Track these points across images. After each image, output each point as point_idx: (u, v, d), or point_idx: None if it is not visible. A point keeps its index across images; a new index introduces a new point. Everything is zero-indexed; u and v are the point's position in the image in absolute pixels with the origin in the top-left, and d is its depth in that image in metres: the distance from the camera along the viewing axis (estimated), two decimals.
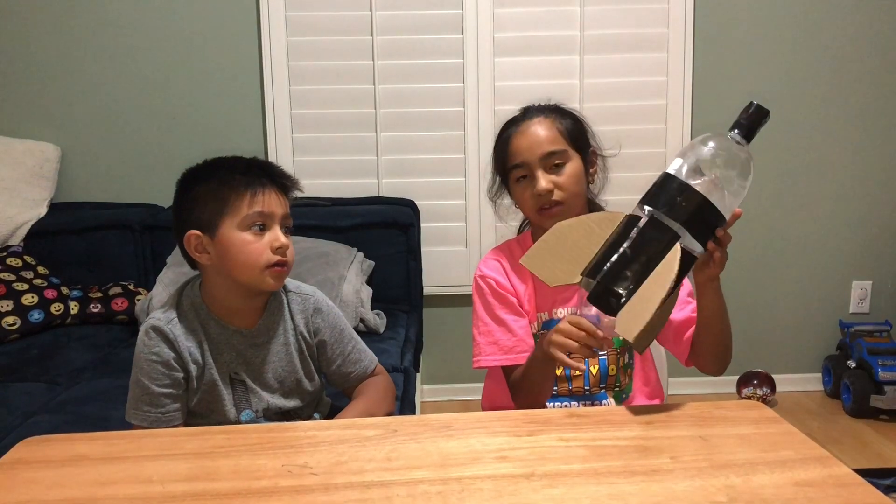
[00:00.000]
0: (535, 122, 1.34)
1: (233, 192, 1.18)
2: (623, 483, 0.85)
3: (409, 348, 2.18)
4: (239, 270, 1.20)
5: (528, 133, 1.33)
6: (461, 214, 2.70)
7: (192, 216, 1.21)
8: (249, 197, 1.18)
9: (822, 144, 2.75)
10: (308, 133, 2.65)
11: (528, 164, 1.32)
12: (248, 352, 1.26)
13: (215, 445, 0.97)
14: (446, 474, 0.88)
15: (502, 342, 1.34)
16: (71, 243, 2.43)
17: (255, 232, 1.19)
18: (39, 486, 0.88)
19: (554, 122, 1.34)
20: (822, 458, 0.90)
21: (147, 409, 1.19)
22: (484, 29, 2.61)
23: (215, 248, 1.20)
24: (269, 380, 1.27)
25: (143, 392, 1.19)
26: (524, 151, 1.32)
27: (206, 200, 1.20)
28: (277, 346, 1.28)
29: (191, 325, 1.23)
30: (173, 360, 1.20)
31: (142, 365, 1.20)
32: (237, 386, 1.25)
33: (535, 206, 1.33)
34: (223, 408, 1.24)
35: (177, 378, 1.20)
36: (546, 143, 1.32)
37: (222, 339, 1.24)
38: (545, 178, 1.30)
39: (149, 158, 2.66)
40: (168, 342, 1.20)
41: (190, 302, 1.25)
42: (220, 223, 1.19)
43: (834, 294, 2.85)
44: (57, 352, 2.10)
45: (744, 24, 2.67)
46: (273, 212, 1.20)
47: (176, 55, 2.62)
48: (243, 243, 1.18)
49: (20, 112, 2.62)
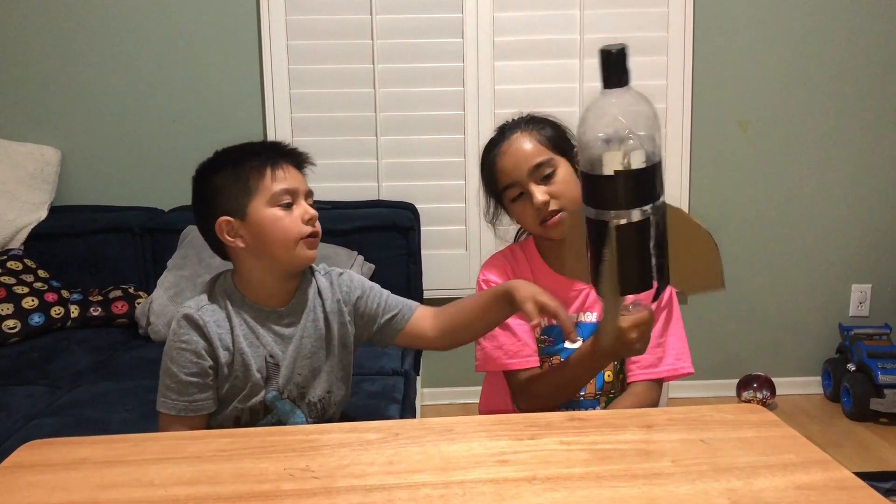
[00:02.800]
0: (515, 140, 1.34)
1: (254, 173, 1.21)
2: (624, 487, 0.85)
3: (409, 352, 2.18)
4: (276, 246, 1.21)
5: (510, 152, 1.33)
6: (461, 218, 2.70)
7: (217, 204, 1.22)
8: (271, 175, 1.20)
9: (821, 148, 2.75)
10: (308, 137, 2.65)
11: (519, 181, 1.32)
12: (284, 332, 1.27)
13: (217, 449, 0.97)
14: (448, 478, 0.88)
15: (507, 346, 1.34)
16: (71, 247, 2.43)
17: (283, 208, 1.21)
18: (41, 489, 0.88)
19: (533, 133, 1.34)
20: (823, 462, 0.90)
21: (175, 397, 1.20)
22: (484, 33, 2.61)
23: (248, 230, 1.21)
24: (302, 359, 1.27)
25: (172, 380, 1.20)
26: (512, 170, 1.32)
27: (229, 186, 1.21)
28: (308, 323, 1.28)
29: (225, 310, 1.24)
30: (203, 349, 1.21)
31: (172, 353, 1.21)
32: (271, 370, 1.26)
33: (536, 221, 1.32)
34: (253, 391, 1.24)
35: (204, 367, 1.21)
36: (531, 157, 1.31)
37: (258, 321, 1.25)
38: (539, 191, 1.30)
39: (149, 162, 2.66)
40: (199, 329, 1.21)
41: (223, 290, 1.26)
42: (248, 204, 1.20)
43: (834, 297, 2.85)
44: (57, 355, 2.10)
45: (743, 28, 2.67)
46: (297, 187, 1.22)
47: (177, 59, 2.63)
48: (275, 219, 1.20)
49: (20, 115, 2.62)
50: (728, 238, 2.75)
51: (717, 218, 2.74)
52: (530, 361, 1.34)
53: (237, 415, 1.25)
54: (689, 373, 1.37)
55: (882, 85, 2.71)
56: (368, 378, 1.92)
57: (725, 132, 2.72)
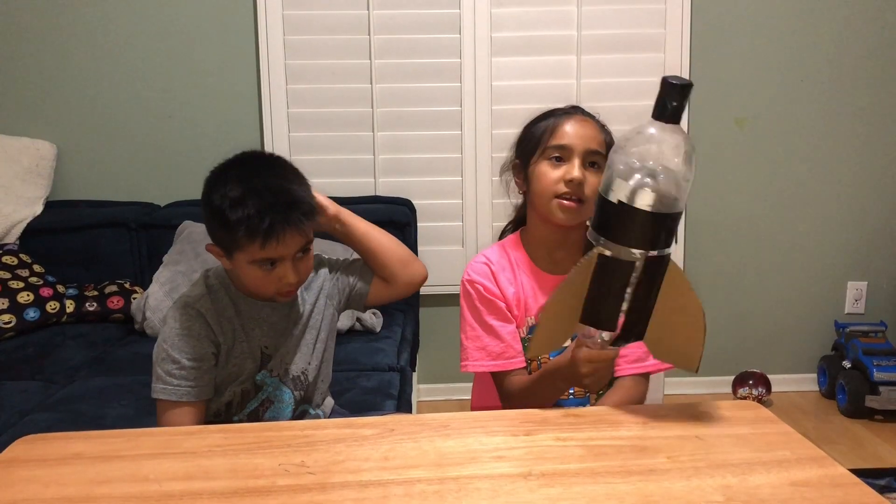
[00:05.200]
0: (586, 120, 1.36)
1: (245, 236, 1.17)
2: (620, 483, 0.85)
3: (405, 347, 2.18)
4: (250, 290, 1.28)
5: (580, 124, 1.34)
6: (458, 214, 2.70)
7: (211, 229, 1.24)
8: (261, 240, 1.17)
9: (817, 145, 2.75)
10: (305, 132, 2.65)
11: (572, 148, 1.30)
12: (280, 324, 1.31)
13: (212, 444, 0.97)
14: (443, 474, 0.88)
15: (490, 347, 1.33)
16: (67, 241, 2.43)
17: (264, 268, 1.21)
18: (36, 484, 0.87)
19: (600, 129, 1.36)
20: (818, 459, 0.90)
21: (177, 382, 1.21)
22: (481, 28, 2.61)
23: (231, 265, 1.25)
24: (296, 347, 1.33)
25: (174, 366, 1.21)
26: (573, 136, 1.31)
27: (220, 229, 1.21)
28: (296, 312, 1.34)
29: (222, 301, 1.28)
30: (205, 336, 1.24)
31: (173, 340, 1.22)
32: (266, 360, 1.30)
33: (556, 192, 1.30)
34: (246, 376, 1.29)
35: (207, 353, 1.24)
36: (594, 141, 1.32)
37: (253, 312, 1.29)
38: (580, 170, 1.29)
39: (145, 156, 2.65)
40: (200, 317, 1.24)
41: (218, 281, 1.30)
42: (234, 253, 1.22)
43: (829, 294, 2.85)
44: (52, 350, 2.10)
45: (741, 26, 2.67)
46: (283, 255, 1.21)
47: (172, 53, 2.62)
48: (254, 277, 1.23)
49: (16, 109, 2.61)
50: (724, 235, 2.76)
51: (712, 215, 2.74)
52: (514, 363, 1.32)
53: (229, 398, 1.29)
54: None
55: (879, 83, 2.72)
56: (364, 374, 1.92)
57: (722, 129, 2.72)
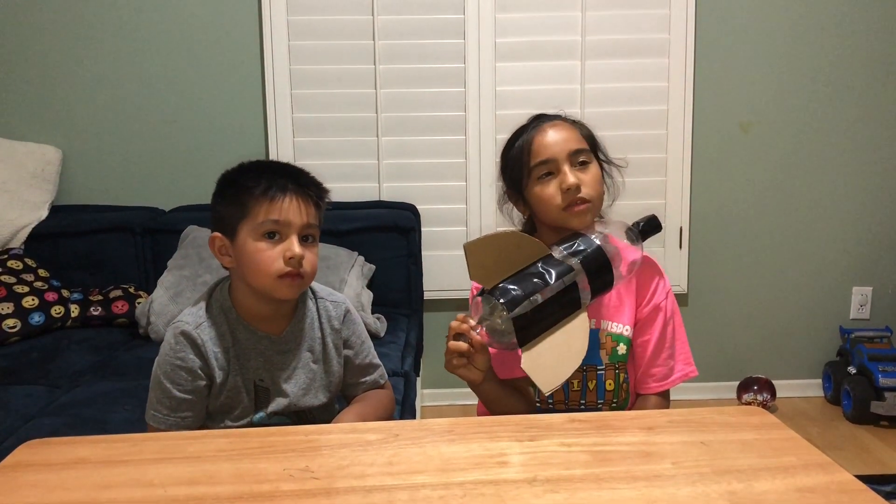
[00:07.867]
0: (556, 123, 1.32)
1: (251, 198, 1.17)
2: (625, 488, 0.85)
3: (409, 352, 2.17)
4: (252, 277, 1.19)
5: (551, 132, 1.30)
6: (462, 219, 2.70)
7: (217, 218, 1.21)
8: (267, 204, 1.16)
9: (822, 150, 2.75)
10: (309, 137, 2.65)
11: (555, 159, 1.27)
12: (276, 358, 1.25)
13: (217, 449, 0.97)
14: (448, 479, 0.88)
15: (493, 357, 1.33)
16: (72, 246, 2.43)
17: (269, 240, 1.17)
18: (40, 489, 0.87)
19: (573, 125, 1.33)
20: (824, 465, 0.90)
21: (166, 412, 1.19)
22: (485, 34, 2.62)
23: (235, 253, 1.20)
24: (293, 386, 1.26)
25: (164, 395, 1.19)
26: (551, 146, 1.28)
27: (228, 204, 1.19)
28: (304, 353, 1.27)
29: (220, 329, 1.21)
30: (199, 368, 1.19)
31: (166, 368, 1.19)
32: (260, 392, 1.24)
33: (562, 204, 1.27)
34: (241, 412, 1.24)
35: (199, 386, 1.19)
36: (572, 141, 1.29)
37: (250, 344, 1.23)
38: (573, 174, 1.27)
39: (150, 161, 2.66)
40: (196, 348, 1.19)
41: (219, 304, 1.24)
42: (238, 228, 1.18)
43: (834, 300, 2.85)
44: (57, 355, 2.10)
45: (744, 31, 2.67)
46: (290, 220, 1.17)
47: (178, 59, 2.63)
48: (256, 251, 1.17)
49: (21, 114, 2.63)
50: (729, 240, 2.76)
51: (717, 220, 2.74)
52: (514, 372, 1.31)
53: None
54: (694, 375, 1.37)
55: (883, 87, 2.71)
56: None
57: (726, 134, 2.72)
